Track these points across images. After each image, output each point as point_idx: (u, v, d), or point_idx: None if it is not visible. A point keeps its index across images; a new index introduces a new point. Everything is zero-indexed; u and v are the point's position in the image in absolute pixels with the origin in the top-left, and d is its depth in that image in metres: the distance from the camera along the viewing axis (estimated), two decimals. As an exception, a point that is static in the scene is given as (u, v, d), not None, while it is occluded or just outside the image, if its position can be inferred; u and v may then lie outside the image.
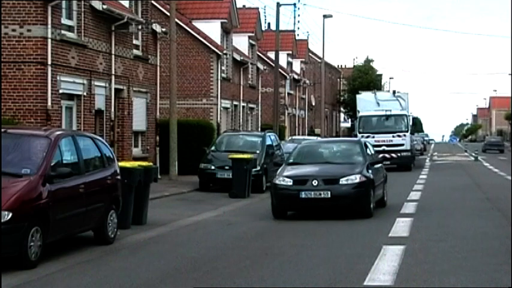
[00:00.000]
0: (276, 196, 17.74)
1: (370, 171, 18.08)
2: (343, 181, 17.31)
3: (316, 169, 17.92)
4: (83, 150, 13.19)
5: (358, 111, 42.94)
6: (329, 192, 17.10)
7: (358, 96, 45.43)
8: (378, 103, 42.11)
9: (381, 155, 35.52)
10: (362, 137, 36.49)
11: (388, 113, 41.15)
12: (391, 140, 40.05)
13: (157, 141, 30.57)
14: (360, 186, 17.29)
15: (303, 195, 17.18)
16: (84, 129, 22.91)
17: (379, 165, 20.24)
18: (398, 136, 40.36)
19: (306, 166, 18.31)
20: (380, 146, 38.72)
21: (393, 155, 39.78)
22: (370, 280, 9.95)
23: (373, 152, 20.75)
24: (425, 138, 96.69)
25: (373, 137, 38.74)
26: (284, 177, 17.74)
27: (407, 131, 40.75)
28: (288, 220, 17.67)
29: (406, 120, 41.13)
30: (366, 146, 19.84)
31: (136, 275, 10.66)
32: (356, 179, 17.37)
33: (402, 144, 40.26)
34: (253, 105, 46.38)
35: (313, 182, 17.20)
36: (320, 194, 17.12)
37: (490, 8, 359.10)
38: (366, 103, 42.61)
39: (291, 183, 17.46)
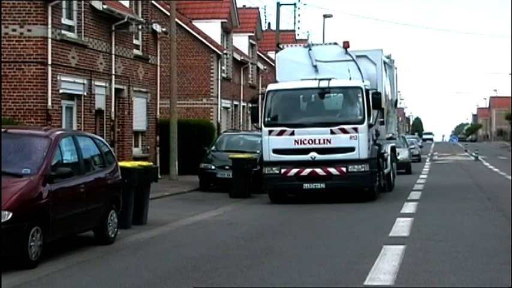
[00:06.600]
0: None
1: None
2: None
3: None
4: (83, 150, 13.20)
5: (277, 82, 22.99)
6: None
7: (278, 55, 23.67)
8: (316, 67, 22.57)
9: (306, 171, 21.36)
10: (270, 133, 21.59)
11: (325, 84, 21.79)
12: (328, 140, 21.27)
13: (157, 141, 30.58)
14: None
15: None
16: (85, 129, 22.92)
17: None
18: (343, 131, 21.27)
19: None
20: (307, 151, 21.36)
21: (332, 169, 21.17)
22: (371, 280, 9.95)
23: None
24: (418, 144, 65.57)
25: (292, 134, 21.43)
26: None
27: (362, 122, 21.35)
28: (288, 220, 17.72)
29: (361, 100, 21.43)
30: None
31: (136, 275, 10.66)
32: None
33: (351, 149, 21.26)
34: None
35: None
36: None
37: (490, 8, 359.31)
38: (293, 66, 22.78)
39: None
